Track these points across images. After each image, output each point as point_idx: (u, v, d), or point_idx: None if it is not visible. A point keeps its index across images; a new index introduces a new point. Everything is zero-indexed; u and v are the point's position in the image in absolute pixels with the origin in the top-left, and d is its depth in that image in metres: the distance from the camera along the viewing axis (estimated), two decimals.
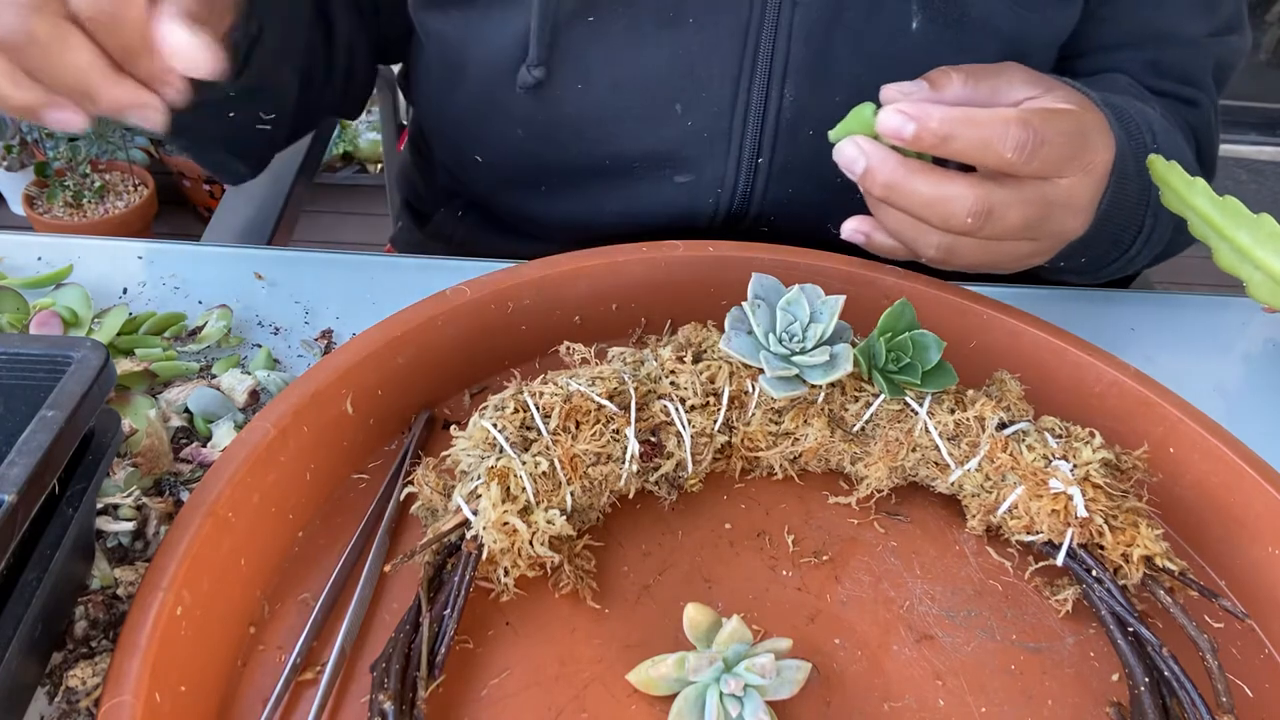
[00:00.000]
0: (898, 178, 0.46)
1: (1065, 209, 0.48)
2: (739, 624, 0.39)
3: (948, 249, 0.48)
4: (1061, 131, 0.45)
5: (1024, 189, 0.46)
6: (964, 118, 0.44)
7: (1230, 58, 0.71)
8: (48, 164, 1.95)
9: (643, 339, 0.56)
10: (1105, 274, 0.63)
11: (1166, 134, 0.59)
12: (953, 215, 0.45)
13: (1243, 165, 2.61)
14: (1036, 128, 0.44)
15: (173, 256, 0.61)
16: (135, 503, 0.43)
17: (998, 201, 0.45)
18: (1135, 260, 0.60)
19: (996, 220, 0.45)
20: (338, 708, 0.38)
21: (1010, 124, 0.44)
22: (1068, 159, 0.46)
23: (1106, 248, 0.58)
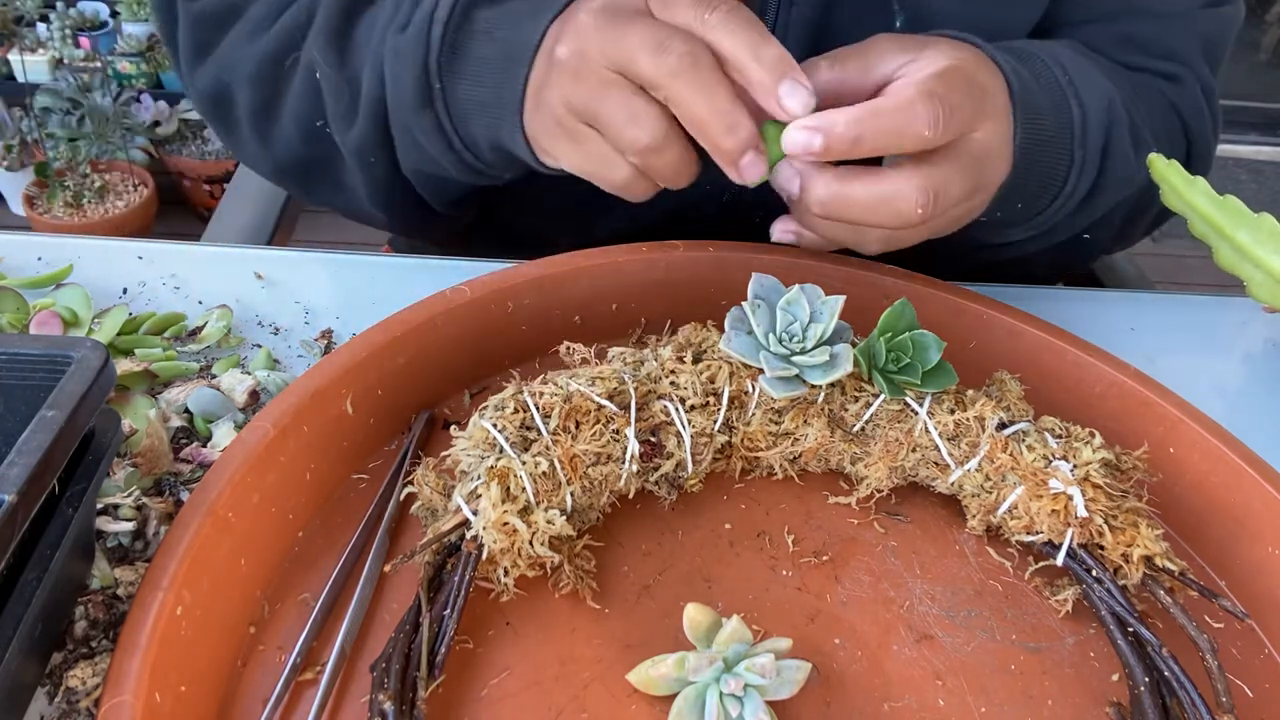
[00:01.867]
0: (833, 190, 0.45)
1: (991, 159, 0.48)
2: (739, 624, 0.39)
3: (890, 241, 0.48)
4: (960, 90, 0.44)
5: (953, 158, 0.45)
6: (869, 113, 0.43)
7: (1220, 30, 0.70)
8: (48, 164, 1.95)
9: (643, 339, 0.56)
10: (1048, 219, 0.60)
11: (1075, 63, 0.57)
12: (902, 212, 0.44)
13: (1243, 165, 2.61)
14: (941, 96, 0.43)
15: (173, 256, 0.61)
16: (135, 503, 0.43)
17: (939, 180, 0.45)
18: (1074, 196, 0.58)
19: (943, 199, 0.45)
20: (338, 708, 0.38)
21: (916, 103, 0.43)
22: (975, 113, 0.46)
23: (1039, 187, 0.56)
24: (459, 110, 0.52)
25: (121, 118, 1.96)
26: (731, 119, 0.43)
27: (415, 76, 0.52)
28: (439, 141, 0.54)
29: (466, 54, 0.51)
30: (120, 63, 2.13)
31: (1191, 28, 0.68)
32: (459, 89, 0.51)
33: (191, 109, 2.13)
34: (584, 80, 0.45)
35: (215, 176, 2.14)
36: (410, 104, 0.53)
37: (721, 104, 0.42)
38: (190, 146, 2.15)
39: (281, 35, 0.60)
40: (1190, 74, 0.68)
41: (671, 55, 0.42)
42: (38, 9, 2.10)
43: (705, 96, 0.42)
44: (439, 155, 0.55)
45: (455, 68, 0.51)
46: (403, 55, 0.52)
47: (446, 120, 0.53)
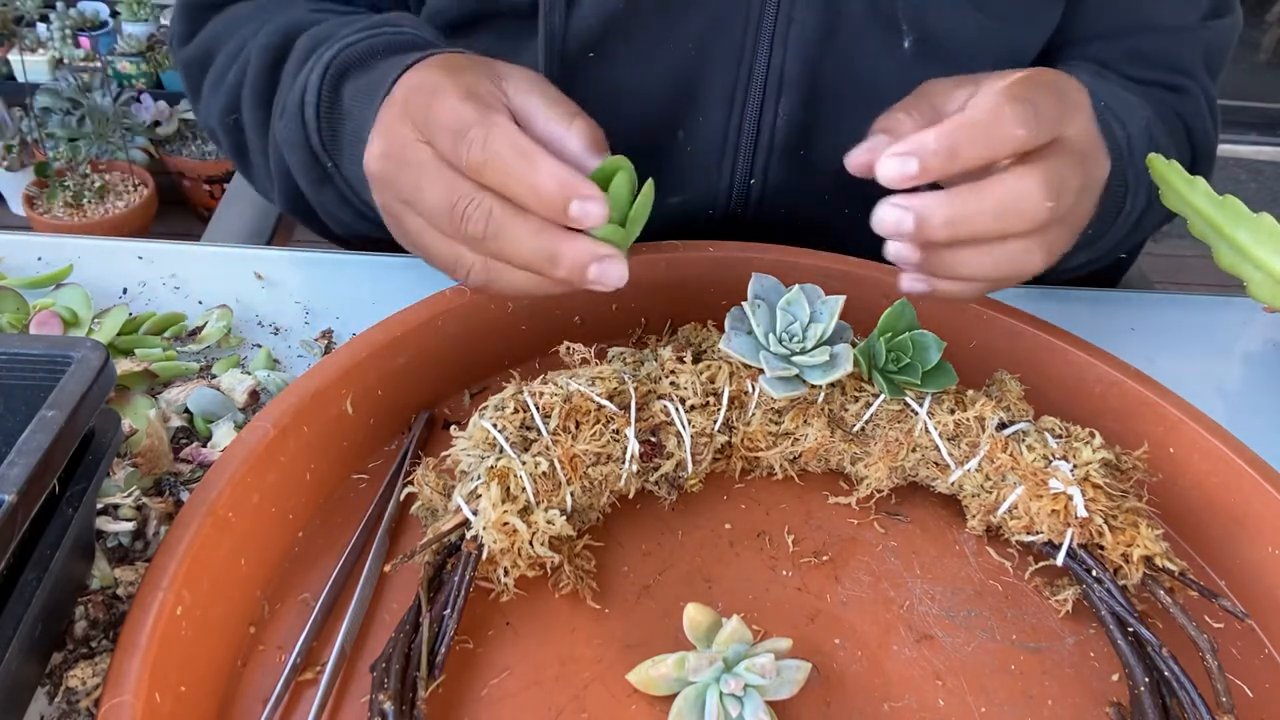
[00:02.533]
0: (955, 207, 0.41)
1: (1091, 155, 0.46)
2: (739, 624, 0.39)
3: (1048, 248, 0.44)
4: (1040, 90, 0.43)
5: (1060, 152, 0.43)
6: (958, 125, 0.41)
7: (1221, 41, 0.70)
8: (48, 164, 1.95)
9: (643, 339, 0.56)
10: (1108, 241, 0.60)
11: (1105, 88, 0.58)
12: (1029, 210, 0.41)
13: (1243, 165, 2.61)
14: (1024, 96, 0.41)
15: (173, 256, 0.61)
16: (135, 503, 0.43)
17: (1056, 173, 0.42)
18: (1130, 216, 0.58)
19: (1064, 192, 0.42)
20: (338, 708, 0.38)
21: (1003, 105, 0.41)
22: (1062, 110, 0.44)
23: (1105, 207, 0.55)
24: (356, 180, 0.51)
25: (121, 118, 1.96)
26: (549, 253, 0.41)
27: (304, 160, 0.52)
28: (348, 211, 0.55)
29: (342, 133, 0.50)
30: (120, 63, 2.13)
31: (1195, 40, 0.69)
32: (346, 165, 0.51)
33: (191, 109, 2.13)
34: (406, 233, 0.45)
35: (215, 176, 2.14)
36: (310, 182, 0.53)
37: (534, 245, 0.40)
38: (190, 146, 2.15)
39: (230, 91, 0.61)
40: (1195, 85, 0.69)
41: (469, 223, 0.41)
42: (38, 9, 2.10)
43: (515, 248, 0.41)
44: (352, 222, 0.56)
45: (338, 146, 0.51)
46: (289, 142, 0.53)
47: (349, 191, 0.53)
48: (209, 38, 0.64)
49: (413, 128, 0.43)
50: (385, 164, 0.44)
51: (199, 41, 0.65)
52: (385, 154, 0.44)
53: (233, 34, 0.62)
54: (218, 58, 0.63)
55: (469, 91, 0.41)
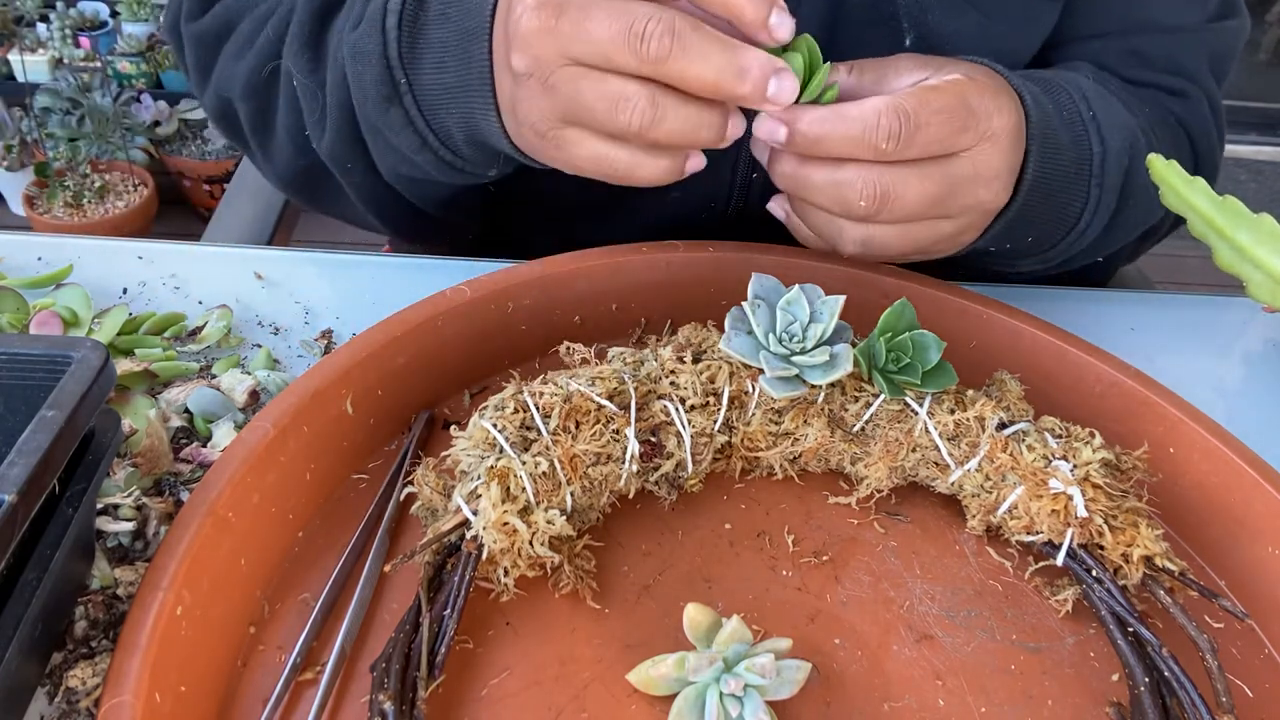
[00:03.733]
0: (793, 166, 0.46)
1: (972, 181, 0.47)
2: (739, 624, 0.39)
3: (863, 241, 0.48)
4: (938, 109, 0.44)
5: (921, 167, 0.45)
6: (833, 115, 0.43)
7: (1227, 44, 0.69)
8: (48, 164, 1.95)
9: (643, 339, 0.56)
10: (1059, 254, 0.60)
11: (1101, 98, 0.58)
12: (848, 200, 0.45)
13: (1243, 165, 2.61)
14: (910, 111, 0.43)
15: (173, 256, 0.61)
16: (135, 503, 0.43)
17: (890, 182, 0.45)
18: (1086, 234, 0.58)
19: (895, 201, 0.45)
20: (338, 708, 0.38)
21: (880, 114, 0.43)
22: (956, 132, 0.45)
23: (1052, 222, 0.56)
24: (427, 101, 0.50)
25: (121, 118, 1.96)
26: (737, 66, 0.41)
27: (377, 72, 0.49)
28: (411, 139, 0.52)
29: (425, 40, 0.48)
30: (120, 63, 2.13)
31: (1199, 42, 0.68)
32: (423, 78, 0.49)
33: (191, 109, 2.13)
34: (554, 89, 0.43)
35: (215, 176, 2.14)
36: (376, 102, 0.51)
37: (720, 60, 0.40)
38: (190, 146, 2.15)
39: (264, 47, 0.60)
40: (1197, 90, 0.68)
41: (651, 41, 0.39)
42: (38, 9, 2.10)
43: (701, 64, 0.40)
44: (413, 154, 0.53)
45: (416, 57, 0.49)
46: (361, 53, 0.50)
47: (416, 114, 0.50)
48: (227, 8, 0.63)
49: None
50: (543, 14, 0.41)
51: (215, 14, 0.64)
52: (543, 4, 0.41)
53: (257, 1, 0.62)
54: (241, 25, 0.62)
55: None
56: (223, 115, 0.66)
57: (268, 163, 0.66)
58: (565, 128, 0.44)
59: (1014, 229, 0.53)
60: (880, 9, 0.59)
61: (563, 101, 0.43)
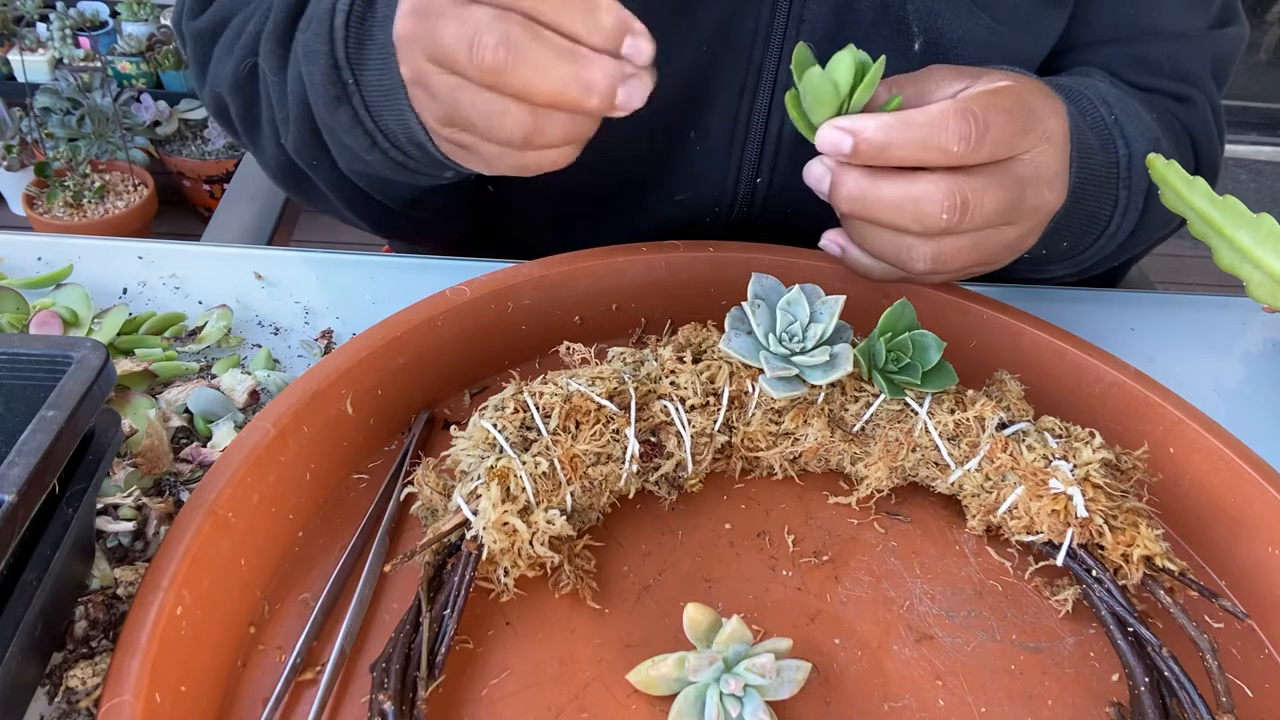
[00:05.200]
0: (862, 187, 0.44)
1: (1037, 182, 0.47)
2: (739, 624, 0.39)
3: (935, 257, 0.46)
4: (1003, 110, 0.44)
5: (991, 172, 0.45)
6: (900, 121, 0.43)
7: (1228, 50, 0.70)
8: (48, 164, 1.95)
9: (643, 339, 0.56)
10: (1090, 257, 0.61)
11: (1121, 101, 0.58)
12: (927, 214, 0.44)
13: (1243, 165, 2.61)
14: (977, 114, 0.43)
15: (173, 256, 0.61)
16: (135, 503, 0.43)
17: (970, 190, 0.44)
18: (1116, 237, 0.58)
19: (974, 209, 0.44)
20: (338, 708, 0.38)
21: (949, 117, 0.42)
22: (1019, 133, 0.45)
23: (1084, 226, 0.56)
24: (373, 101, 0.49)
25: (121, 118, 1.96)
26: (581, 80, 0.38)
27: (324, 71, 0.49)
28: (361, 138, 0.51)
29: (372, 41, 0.48)
30: (120, 63, 2.12)
31: (1201, 48, 0.68)
32: (369, 79, 0.48)
33: (191, 109, 2.13)
34: (435, 95, 0.42)
35: (215, 176, 2.14)
36: (325, 101, 0.50)
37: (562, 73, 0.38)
38: (190, 146, 2.15)
39: (247, 43, 0.60)
40: (1200, 95, 0.68)
41: (485, 52, 0.38)
42: (38, 9, 2.09)
43: (542, 77, 0.38)
44: (365, 153, 0.53)
45: (363, 57, 0.48)
46: (310, 52, 0.50)
47: (365, 114, 0.50)
48: (223, 7, 0.64)
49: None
50: (412, 20, 0.41)
51: (213, 11, 0.64)
52: (413, 10, 0.41)
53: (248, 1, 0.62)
54: (232, 22, 0.63)
55: None
56: (219, 110, 0.66)
57: (259, 156, 0.67)
58: (458, 131, 0.43)
59: (1053, 235, 0.53)
60: (890, 13, 0.59)
61: (445, 107, 0.42)
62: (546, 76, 0.38)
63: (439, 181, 0.57)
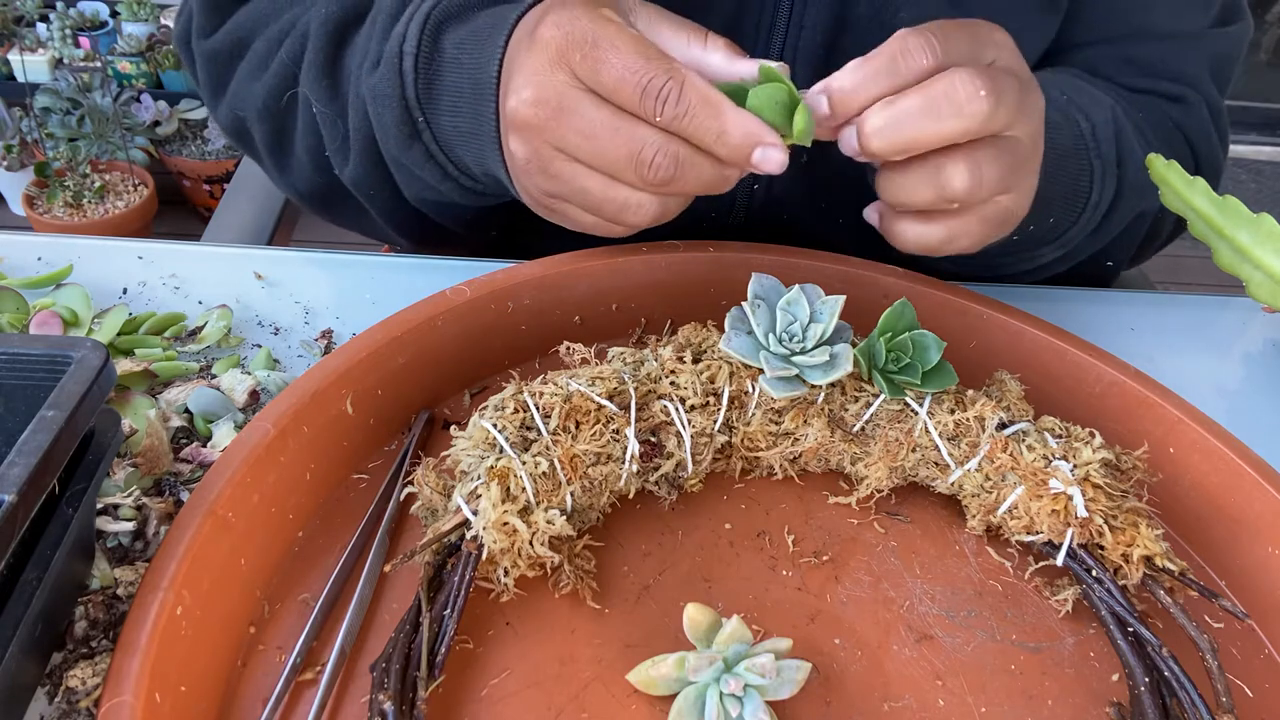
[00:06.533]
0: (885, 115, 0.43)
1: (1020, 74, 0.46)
2: (739, 624, 0.39)
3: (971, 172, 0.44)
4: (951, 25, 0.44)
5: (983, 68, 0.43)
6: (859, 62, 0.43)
7: (1229, 50, 0.69)
8: (48, 164, 1.95)
9: (643, 339, 0.56)
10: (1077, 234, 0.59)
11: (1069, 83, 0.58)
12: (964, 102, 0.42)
13: (1243, 165, 2.61)
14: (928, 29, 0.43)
15: (173, 256, 0.61)
16: (135, 503, 0.43)
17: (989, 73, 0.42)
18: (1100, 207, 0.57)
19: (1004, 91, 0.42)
20: (338, 708, 0.38)
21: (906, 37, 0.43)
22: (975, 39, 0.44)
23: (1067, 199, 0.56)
24: (445, 140, 0.51)
25: (121, 118, 1.96)
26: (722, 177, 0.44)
27: (397, 114, 0.51)
28: (434, 171, 0.54)
29: (441, 85, 0.50)
30: (120, 63, 2.12)
31: (1199, 48, 0.68)
32: (440, 120, 0.51)
33: (191, 109, 2.13)
34: (554, 177, 0.45)
35: (215, 176, 2.14)
36: (397, 140, 0.52)
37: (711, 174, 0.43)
38: (190, 146, 2.15)
39: (280, 71, 0.60)
40: (1196, 96, 0.68)
41: (656, 170, 0.42)
42: (38, 9, 2.09)
43: (696, 180, 0.43)
44: (436, 184, 0.55)
45: (433, 99, 0.50)
46: (380, 95, 0.52)
47: (437, 150, 0.52)
48: (239, 26, 0.64)
49: (570, 74, 0.43)
50: (540, 111, 0.43)
51: (227, 31, 0.64)
52: (539, 100, 0.43)
53: (271, 20, 0.62)
54: (255, 44, 0.62)
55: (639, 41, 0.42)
56: (238, 132, 0.67)
57: (284, 179, 0.67)
58: (564, 204, 0.47)
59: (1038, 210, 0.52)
60: (884, 19, 0.60)
61: (563, 187, 0.45)
62: (699, 183, 0.44)
63: (505, 199, 0.58)
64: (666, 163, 0.42)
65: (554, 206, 0.48)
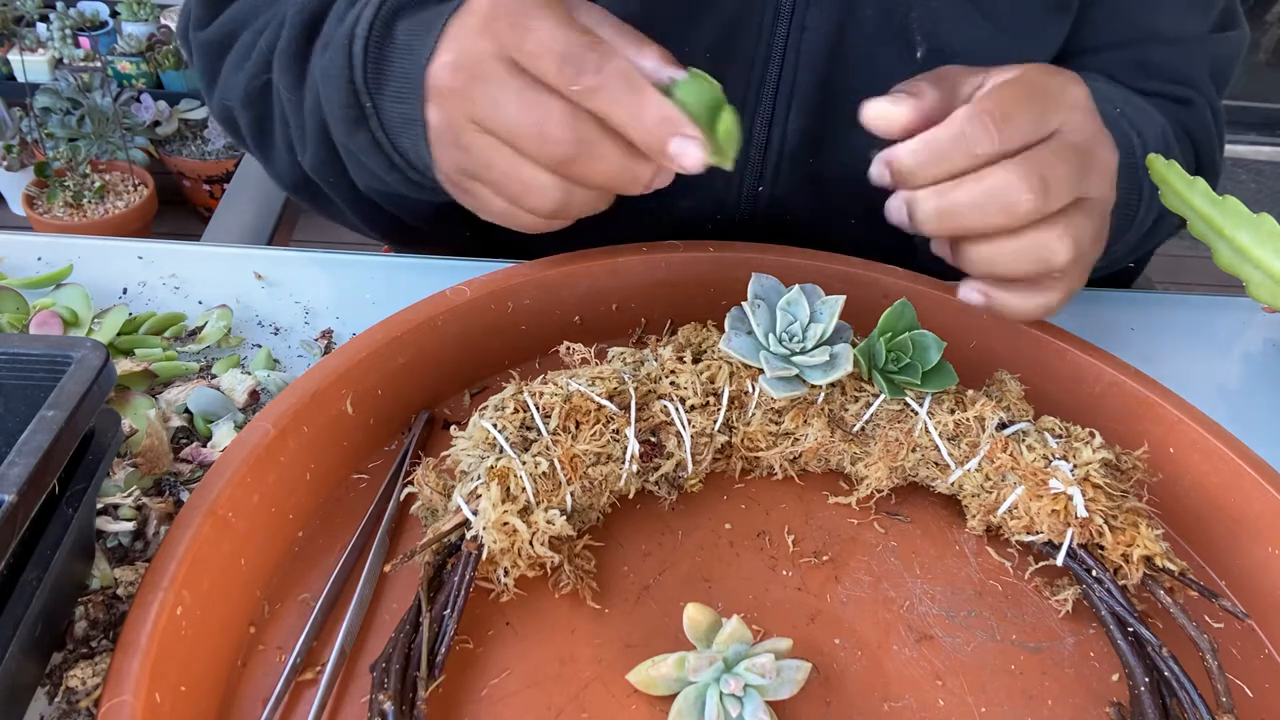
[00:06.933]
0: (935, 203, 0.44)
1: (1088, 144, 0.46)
2: (739, 624, 0.39)
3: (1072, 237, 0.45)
4: (1018, 97, 0.44)
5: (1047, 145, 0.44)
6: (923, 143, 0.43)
7: (1229, 54, 0.70)
8: (48, 164, 1.95)
9: (643, 339, 0.56)
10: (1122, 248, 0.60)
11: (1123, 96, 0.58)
12: (1012, 203, 0.43)
13: (1243, 165, 2.61)
14: (991, 109, 0.43)
15: (173, 256, 0.61)
16: (135, 503, 0.43)
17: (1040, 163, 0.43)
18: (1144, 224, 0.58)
19: (1051, 180, 0.43)
20: (338, 708, 0.38)
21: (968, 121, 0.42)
22: (1043, 112, 0.44)
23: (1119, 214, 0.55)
24: (391, 127, 0.50)
25: (121, 118, 1.96)
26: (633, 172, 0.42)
27: (344, 96, 0.50)
28: (380, 160, 0.53)
29: (390, 70, 0.49)
30: (120, 63, 2.12)
31: (1202, 52, 0.69)
32: (386, 105, 0.49)
33: (191, 109, 2.13)
34: (465, 149, 0.44)
35: (215, 176, 2.14)
36: (344, 124, 0.51)
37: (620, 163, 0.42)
38: (190, 146, 2.15)
39: (259, 60, 0.60)
40: (1200, 97, 0.69)
41: (557, 145, 0.41)
42: (38, 9, 2.09)
43: (602, 167, 0.41)
44: (383, 173, 0.54)
45: (381, 84, 0.49)
46: (329, 75, 0.51)
47: (383, 137, 0.51)
48: (231, 19, 0.64)
49: (493, 42, 0.42)
50: (456, 76, 0.43)
51: (220, 24, 0.64)
52: (457, 66, 0.42)
53: (262, 11, 0.62)
54: (242, 35, 0.62)
55: (569, 17, 0.41)
56: (228, 122, 0.67)
57: (270, 168, 0.67)
58: (474, 182, 0.45)
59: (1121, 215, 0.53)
60: (892, 20, 0.59)
61: (474, 163, 0.44)
62: (605, 170, 0.41)
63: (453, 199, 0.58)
64: (570, 139, 0.40)
65: (465, 185, 0.46)
